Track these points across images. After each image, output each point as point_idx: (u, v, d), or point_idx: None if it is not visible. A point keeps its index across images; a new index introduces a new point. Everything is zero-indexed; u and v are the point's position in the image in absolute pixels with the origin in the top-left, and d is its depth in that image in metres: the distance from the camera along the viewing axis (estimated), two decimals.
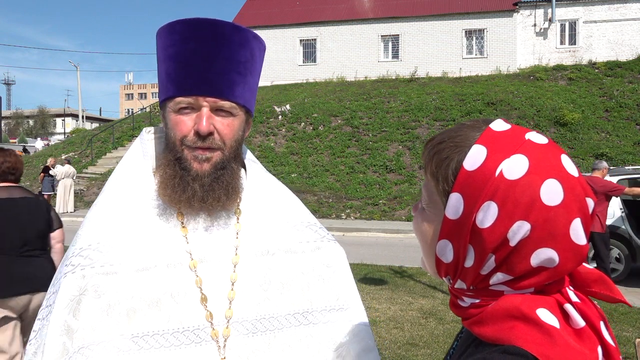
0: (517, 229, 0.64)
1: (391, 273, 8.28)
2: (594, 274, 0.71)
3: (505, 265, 0.66)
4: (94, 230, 1.09)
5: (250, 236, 1.13)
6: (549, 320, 0.65)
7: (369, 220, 15.29)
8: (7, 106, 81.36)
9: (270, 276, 1.11)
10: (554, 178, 0.65)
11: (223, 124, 1.06)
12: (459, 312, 0.74)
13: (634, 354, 4.38)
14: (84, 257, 1.05)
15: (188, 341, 1.02)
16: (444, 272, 0.73)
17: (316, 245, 1.19)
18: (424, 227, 0.75)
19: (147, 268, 1.04)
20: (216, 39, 1.04)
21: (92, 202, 19.21)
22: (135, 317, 1.01)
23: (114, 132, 23.97)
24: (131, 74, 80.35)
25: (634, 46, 24.27)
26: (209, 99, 1.04)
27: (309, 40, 27.80)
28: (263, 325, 1.08)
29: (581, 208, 0.66)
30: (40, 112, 69.68)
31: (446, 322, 5.73)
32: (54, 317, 0.99)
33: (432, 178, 0.72)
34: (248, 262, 1.10)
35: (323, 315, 1.14)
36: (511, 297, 0.67)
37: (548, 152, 0.67)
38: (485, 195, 0.65)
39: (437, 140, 0.73)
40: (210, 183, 1.06)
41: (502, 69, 24.91)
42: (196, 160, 1.06)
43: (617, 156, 16.75)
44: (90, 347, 0.99)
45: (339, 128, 20.39)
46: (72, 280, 1.02)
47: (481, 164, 0.66)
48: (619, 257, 8.13)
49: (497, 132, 0.69)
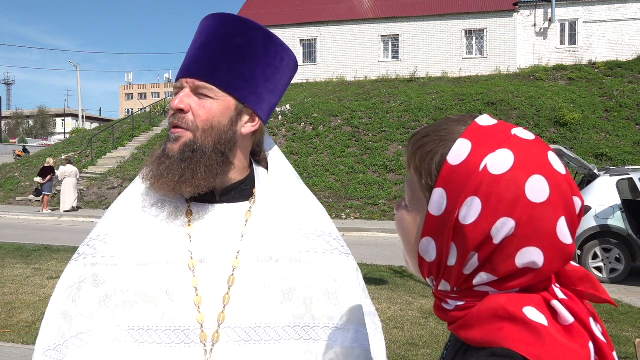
0: (500, 225, 0.62)
1: (391, 273, 8.29)
2: (580, 272, 0.69)
3: (489, 265, 0.64)
4: (106, 223, 1.12)
5: (255, 240, 1.09)
6: (537, 318, 0.62)
7: (369, 220, 15.29)
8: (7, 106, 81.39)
9: (270, 284, 1.07)
10: (540, 174, 0.63)
11: (199, 104, 1.05)
12: (443, 315, 0.71)
13: (634, 354, 4.38)
14: (90, 246, 1.08)
15: (178, 340, 1.01)
16: (427, 271, 0.71)
17: (325, 257, 1.13)
18: (407, 225, 0.72)
19: (146, 263, 1.05)
20: (210, 28, 1.08)
21: (92, 202, 19.22)
22: (132, 309, 1.02)
23: (114, 132, 23.96)
24: (131, 74, 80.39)
25: (634, 46, 24.28)
26: (189, 80, 1.06)
27: (309, 40, 27.81)
28: (257, 335, 1.04)
29: (567, 206, 0.64)
30: (40, 112, 69.71)
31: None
32: (53, 301, 1.05)
33: (416, 172, 0.70)
34: (248, 266, 1.07)
35: (325, 333, 1.08)
36: (496, 297, 0.65)
37: (534, 148, 0.65)
38: (469, 190, 0.63)
39: (421, 133, 0.71)
40: (174, 163, 1.04)
41: (502, 69, 24.91)
42: (169, 139, 1.07)
43: (617, 156, 16.75)
44: (89, 334, 1.02)
45: (339, 128, 20.39)
46: (74, 268, 1.06)
47: (465, 158, 0.64)
48: (619, 257, 8.13)
49: (483, 127, 0.67)
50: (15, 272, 7.87)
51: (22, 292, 6.78)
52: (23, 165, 23.08)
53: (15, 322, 5.56)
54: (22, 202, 18.97)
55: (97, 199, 18.44)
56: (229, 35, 1.07)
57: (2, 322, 5.56)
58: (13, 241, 11.03)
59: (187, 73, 1.07)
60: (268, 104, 1.13)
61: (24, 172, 21.76)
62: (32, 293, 6.72)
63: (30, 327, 5.39)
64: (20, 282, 7.27)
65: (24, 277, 7.62)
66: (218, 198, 1.12)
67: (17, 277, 7.60)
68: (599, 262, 8.22)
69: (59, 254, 9.44)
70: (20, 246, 10.31)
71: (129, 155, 21.46)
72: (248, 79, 1.08)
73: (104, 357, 1.01)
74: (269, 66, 1.10)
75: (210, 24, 1.09)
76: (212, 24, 1.09)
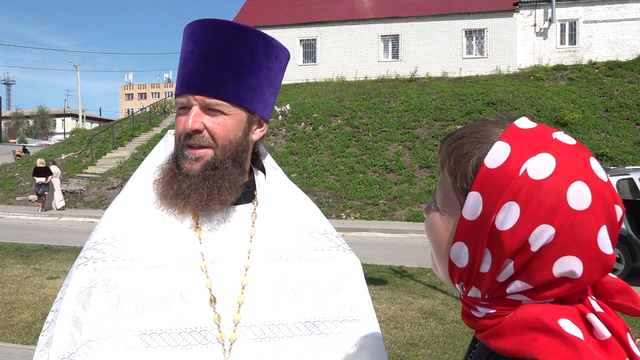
0: (539, 233, 0.60)
1: (391, 273, 8.29)
2: (618, 284, 0.67)
3: (525, 273, 0.62)
4: (111, 226, 1.10)
5: (264, 241, 1.12)
6: (573, 331, 0.60)
7: (369, 220, 15.29)
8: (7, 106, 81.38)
9: (282, 282, 1.09)
10: (582, 181, 0.60)
11: (214, 122, 1.05)
12: (472, 323, 0.68)
13: None
14: (98, 250, 1.07)
15: (195, 342, 1.02)
16: (457, 277, 0.68)
17: (331, 253, 1.17)
18: (438, 229, 0.70)
19: (158, 265, 1.05)
20: (210, 39, 1.05)
21: (91, 202, 19.22)
22: (144, 313, 1.02)
23: (114, 132, 23.96)
24: (131, 74, 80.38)
25: (634, 46, 24.27)
26: (197, 98, 1.05)
27: (309, 40, 27.81)
28: (272, 332, 1.06)
29: (609, 215, 0.61)
30: (40, 112, 69.73)
31: (446, 322, 5.73)
32: (64, 308, 1.02)
33: (450, 175, 0.67)
34: (260, 266, 1.09)
35: (335, 326, 1.11)
36: (530, 307, 0.63)
37: (576, 154, 0.62)
38: (507, 195, 0.61)
39: (457, 135, 0.68)
40: (198, 182, 1.05)
41: (502, 69, 24.91)
42: (187, 159, 1.07)
43: (617, 156, 16.75)
44: (98, 341, 1.00)
45: (339, 128, 20.39)
46: (84, 273, 1.04)
47: (504, 161, 0.62)
48: (619, 257, 8.13)
49: (522, 130, 0.65)
50: (15, 272, 7.88)
51: (22, 292, 6.78)
52: (23, 165, 23.08)
53: (15, 322, 5.57)
54: (22, 202, 18.97)
55: (97, 199, 18.44)
56: (230, 45, 1.05)
57: (2, 322, 5.56)
58: (13, 241, 11.03)
59: (193, 89, 1.05)
60: (271, 106, 1.16)
61: (24, 172, 21.75)
62: (32, 293, 6.72)
63: (30, 327, 5.39)
64: (20, 282, 7.27)
65: (24, 277, 7.62)
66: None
67: (17, 277, 7.61)
68: None
69: (59, 254, 9.45)
70: (20, 246, 10.31)
71: (129, 155, 21.46)
72: (255, 88, 1.09)
73: None
74: (270, 71, 1.12)
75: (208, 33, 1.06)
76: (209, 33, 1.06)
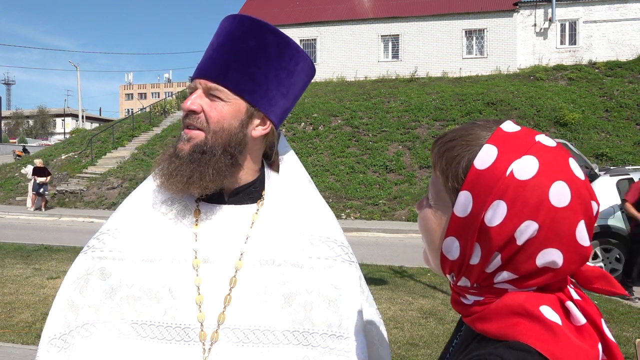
0: (524, 228, 0.66)
1: (391, 273, 8.29)
2: (596, 272, 0.74)
3: (511, 264, 0.68)
4: (117, 217, 1.14)
5: (259, 243, 1.10)
6: (552, 317, 0.66)
7: (369, 220, 15.29)
8: (7, 106, 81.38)
9: (272, 287, 1.07)
10: (563, 180, 0.67)
11: (211, 106, 1.06)
12: (461, 309, 0.75)
13: (634, 354, 4.38)
14: (100, 240, 1.11)
15: (178, 337, 1.03)
16: (448, 269, 0.74)
17: (328, 263, 1.12)
18: (431, 225, 0.75)
19: (152, 259, 1.07)
20: (228, 31, 1.09)
21: (91, 202, 19.21)
22: (135, 304, 1.05)
23: (114, 132, 23.95)
24: (131, 74, 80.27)
25: (634, 46, 24.27)
26: (202, 82, 1.08)
27: (309, 40, 27.80)
28: (256, 337, 1.04)
29: (586, 210, 0.67)
30: (40, 112, 69.71)
31: (446, 322, 5.73)
32: (60, 292, 1.08)
33: (442, 175, 0.73)
34: (251, 269, 1.08)
35: (323, 339, 1.08)
36: (515, 295, 0.69)
37: (557, 155, 0.69)
38: (495, 194, 0.67)
39: (447, 137, 0.74)
40: (183, 164, 1.05)
41: (502, 69, 24.90)
42: (181, 139, 1.08)
43: (617, 156, 16.75)
44: (94, 325, 1.05)
45: (339, 128, 20.39)
46: (83, 261, 1.10)
47: (492, 163, 0.68)
48: (619, 257, 8.13)
49: (508, 133, 0.71)
50: (15, 272, 7.88)
51: (22, 292, 6.78)
52: (23, 165, 23.07)
53: (15, 322, 5.56)
54: (22, 202, 18.95)
55: (97, 199, 18.43)
56: (244, 37, 1.07)
57: (2, 322, 5.56)
58: (13, 241, 11.03)
59: (201, 74, 1.09)
60: (281, 107, 1.13)
61: (24, 172, 21.75)
62: (32, 293, 6.72)
63: (30, 327, 5.39)
64: (20, 282, 7.27)
65: (24, 277, 7.62)
66: (227, 199, 1.13)
67: (17, 277, 7.61)
68: (599, 262, 8.23)
69: (59, 254, 9.44)
70: (20, 246, 10.31)
71: (128, 155, 21.46)
72: (260, 82, 1.08)
73: (107, 349, 1.04)
74: (282, 69, 1.11)
75: (228, 26, 1.10)
76: (229, 26, 1.10)
